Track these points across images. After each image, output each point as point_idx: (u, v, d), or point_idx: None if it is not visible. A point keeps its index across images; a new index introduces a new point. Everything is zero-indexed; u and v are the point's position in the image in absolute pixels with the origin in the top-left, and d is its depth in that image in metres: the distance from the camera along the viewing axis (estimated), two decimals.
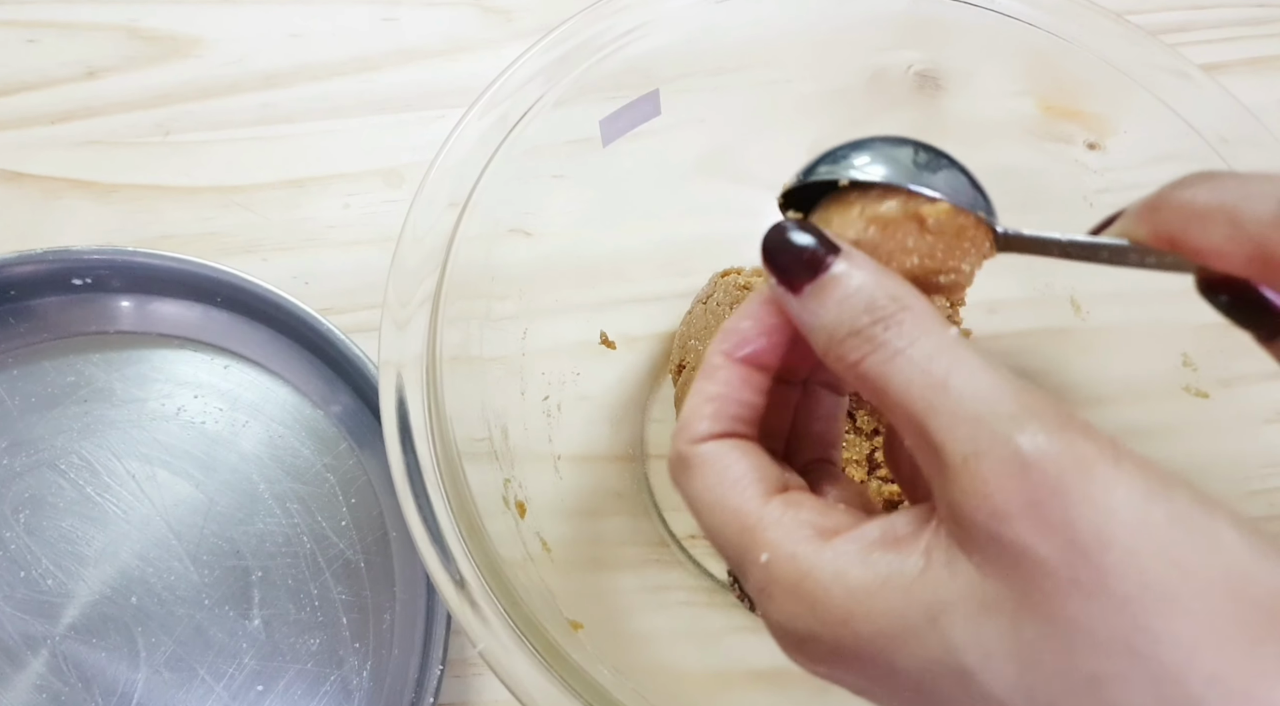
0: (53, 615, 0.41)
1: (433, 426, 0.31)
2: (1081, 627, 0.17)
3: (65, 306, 0.46)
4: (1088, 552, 0.17)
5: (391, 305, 0.32)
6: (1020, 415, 0.18)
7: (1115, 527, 0.17)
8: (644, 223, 0.42)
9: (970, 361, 0.19)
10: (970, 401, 0.18)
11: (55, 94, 0.54)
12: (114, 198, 0.51)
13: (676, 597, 0.41)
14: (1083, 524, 0.17)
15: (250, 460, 0.44)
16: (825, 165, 0.26)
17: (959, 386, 0.19)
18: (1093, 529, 0.17)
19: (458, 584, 0.29)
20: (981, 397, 0.18)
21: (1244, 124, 0.35)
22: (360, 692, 0.40)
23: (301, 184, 0.52)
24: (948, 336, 0.20)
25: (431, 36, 0.56)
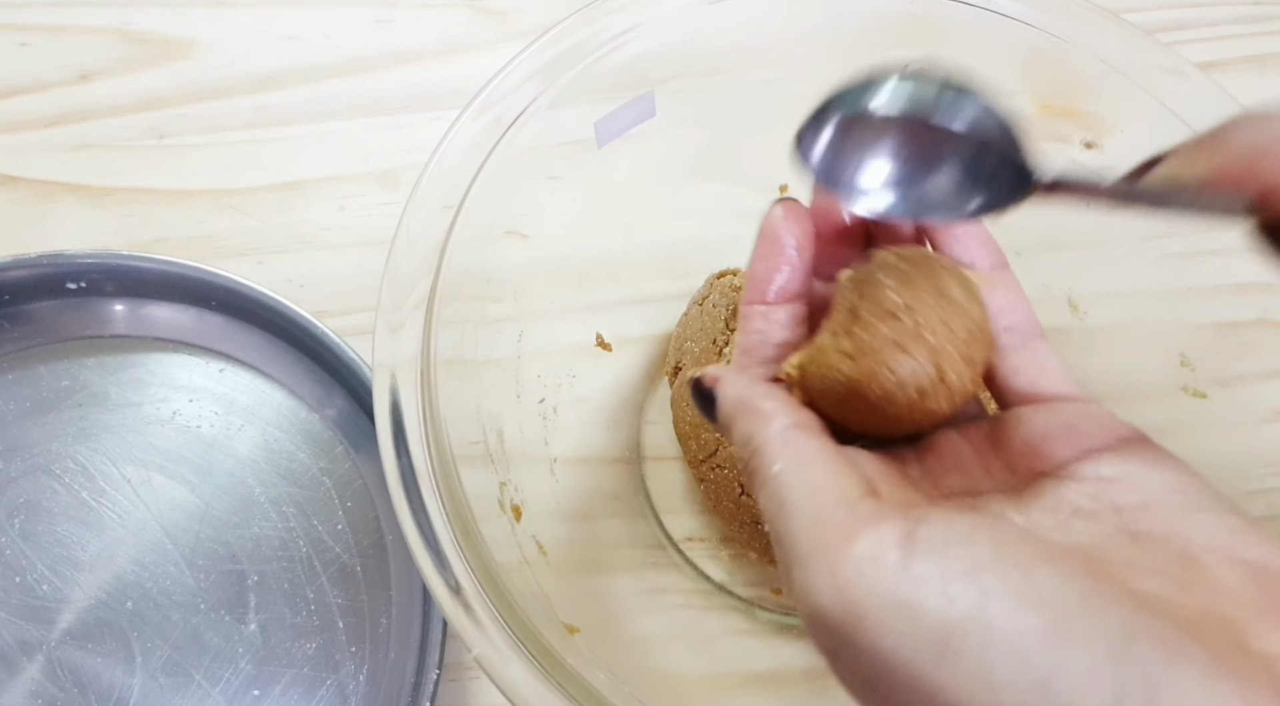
0: (48, 620, 0.40)
1: (427, 430, 0.31)
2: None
3: (59, 310, 0.46)
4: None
5: (385, 308, 0.32)
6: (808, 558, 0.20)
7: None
8: (640, 224, 0.42)
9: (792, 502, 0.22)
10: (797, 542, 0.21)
11: (48, 97, 0.53)
12: (108, 201, 0.51)
13: (673, 600, 0.41)
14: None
15: (246, 464, 0.44)
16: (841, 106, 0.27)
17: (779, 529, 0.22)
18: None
19: (452, 589, 0.29)
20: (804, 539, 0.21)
21: None
22: (356, 697, 0.40)
23: (296, 187, 0.52)
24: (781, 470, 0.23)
25: (426, 38, 0.56)
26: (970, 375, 0.26)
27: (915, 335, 0.25)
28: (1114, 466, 0.23)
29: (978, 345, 0.26)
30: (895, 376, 0.25)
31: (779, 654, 0.40)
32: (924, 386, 0.25)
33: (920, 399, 0.25)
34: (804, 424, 0.24)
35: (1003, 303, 0.28)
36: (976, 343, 0.26)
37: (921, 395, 0.25)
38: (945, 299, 0.26)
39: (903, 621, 0.19)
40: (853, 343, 0.26)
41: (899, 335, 0.25)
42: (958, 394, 0.26)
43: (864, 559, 0.19)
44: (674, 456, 0.44)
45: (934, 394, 0.25)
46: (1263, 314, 0.36)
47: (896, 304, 0.26)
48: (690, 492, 0.44)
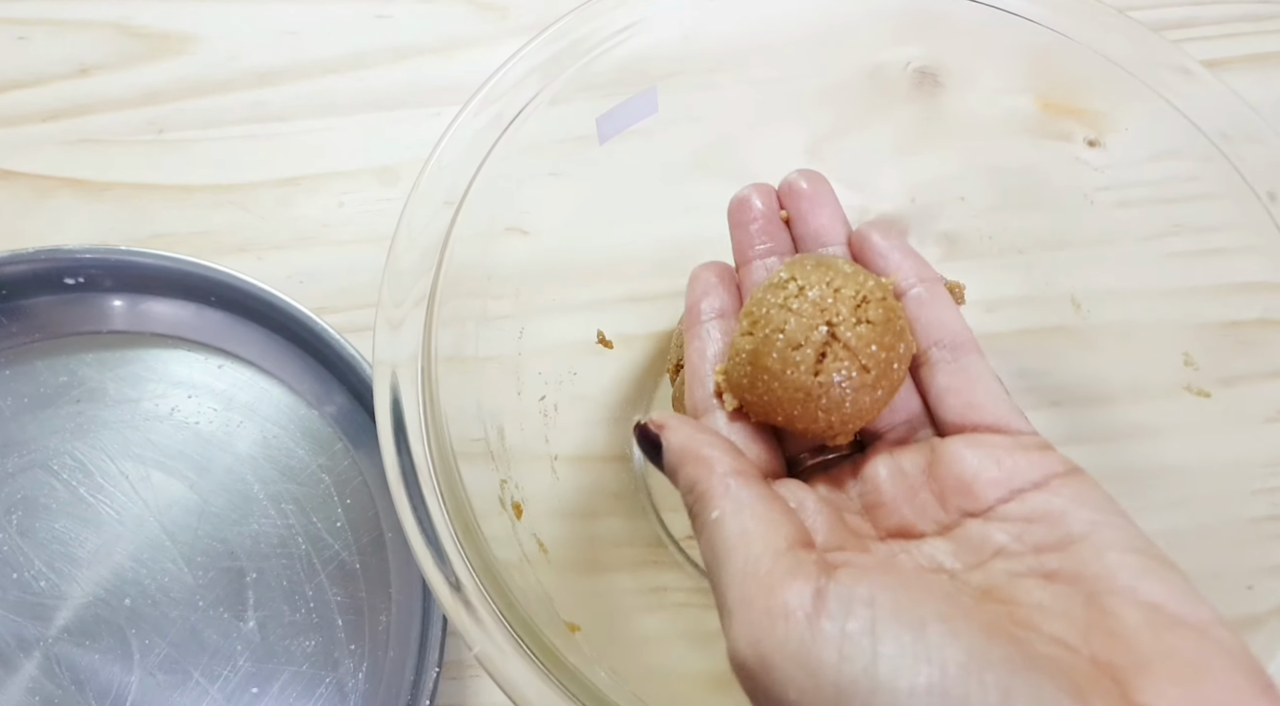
0: (45, 617, 0.40)
1: (428, 427, 0.31)
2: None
3: (57, 306, 0.46)
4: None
5: (386, 304, 0.32)
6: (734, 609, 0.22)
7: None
8: (642, 221, 0.42)
9: (726, 550, 0.23)
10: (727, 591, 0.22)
11: (47, 92, 0.53)
12: (106, 196, 0.51)
13: (674, 598, 0.41)
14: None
15: (245, 461, 0.44)
16: None
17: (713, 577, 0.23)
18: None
19: (453, 586, 0.29)
20: (732, 589, 0.22)
21: (1246, 120, 0.35)
22: (356, 695, 0.40)
23: (296, 182, 0.51)
24: (718, 517, 0.24)
25: (426, 33, 0.55)
26: (872, 338, 0.26)
27: (798, 295, 0.27)
28: (1037, 505, 0.24)
29: (875, 309, 0.27)
30: (785, 335, 0.26)
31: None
32: (819, 344, 0.26)
33: (822, 362, 0.26)
34: (743, 471, 0.25)
35: (932, 317, 0.29)
36: (872, 307, 0.27)
37: (822, 358, 0.26)
38: (830, 269, 0.27)
39: (804, 676, 0.20)
40: (749, 321, 0.27)
41: (783, 299, 0.27)
42: (862, 356, 0.26)
43: (777, 614, 0.21)
44: None
45: (835, 356, 0.26)
46: (1265, 313, 0.36)
47: (782, 277, 0.27)
48: None
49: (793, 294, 0.27)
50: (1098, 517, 0.24)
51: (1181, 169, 0.37)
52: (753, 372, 0.27)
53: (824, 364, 0.26)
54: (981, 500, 0.25)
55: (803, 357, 0.26)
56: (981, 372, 0.28)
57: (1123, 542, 0.23)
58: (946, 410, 0.28)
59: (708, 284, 0.32)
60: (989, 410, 0.27)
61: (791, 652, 0.20)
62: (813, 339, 0.26)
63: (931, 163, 0.44)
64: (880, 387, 0.27)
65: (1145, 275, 0.40)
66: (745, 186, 0.33)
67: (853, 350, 0.26)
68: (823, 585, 0.21)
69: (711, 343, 0.31)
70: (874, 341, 0.26)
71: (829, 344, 0.26)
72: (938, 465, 0.27)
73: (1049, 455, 0.26)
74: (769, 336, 0.27)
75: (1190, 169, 0.36)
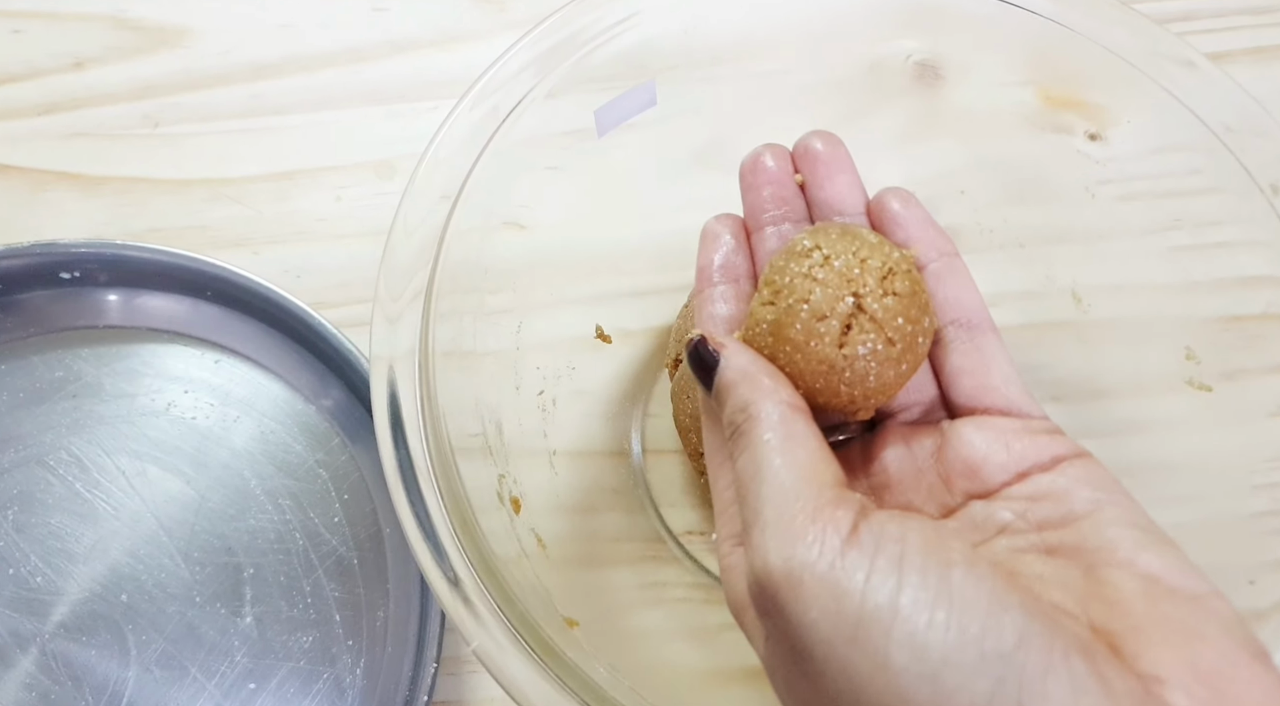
0: (42, 613, 0.40)
1: (425, 422, 0.31)
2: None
3: (53, 300, 0.45)
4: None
5: (383, 299, 0.32)
6: (770, 523, 0.22)
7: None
8: (640, 215, 0.42)
9: (772, 470, 0.23)
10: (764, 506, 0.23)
11: (42, 85, 0.53)
12: (102, 190, 0.51)
13: (673, 594, 0.41)
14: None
15: (242, 456, 0.43)
16: None
17: (751, 490, 0.24)
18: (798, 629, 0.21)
19: (451, 581, 0.29)
20: (771, 505, 0.23)
21: (1250, 113, 0.35)
22: (354, 691, 0.40)
23: (292, 176, 0.51)
24: (771, 439, 0.24)
25: (423, 27, 0.55)
26: (899, 311, 0.26)
27: (824, 264, 0.26)
28: (1041, 484, 0.25)
29: (902, 281, 0.26)
30: (810, 306, 0.26)
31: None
32: (844, 316, 0.25)
33: (848, 335, 0.25)
34: (801, 407, 0.25)
35: (950, 294, 0.28)
36: (898, 279, 0.26)
37: (847, 330, 0.25)
38: (856, 238, 0.26)
39: (829, 598, 0.20)
40: (771, 290, 0.26)
41: (808, 268, 0.26)
42: (889, 329, 0.26)
43: (815, 536, 0.21)
44: (674, 450, 0.44)
45: (860, 328, 0.25)
46: (1268, 307, 0.36)
47: (806, 245, 0.27)
48: (690, 486, 0.43)
49: (817, 263, 0.26)
50: (1101, 496, 0.24)
51: (1184, 162, 0.36)
52: (774, 343, 0.26)
53: (849, 336, 0.26)
54: (988, 483, 0.25)
55: (828, 329, 0.25)
56: (996, 354, 0.28)
57: (1124, 519, 0.23)
58: (959, 391, 0.28)
59: (720, 241, 0.31)
60: (1001, 393, 0.27)
61: (821, 573, 0.21)
62: (839, 310, 0.25)
63: (932, 156, 0.43)
64: (905, 362, 0.26)
65: (1147, 269, 0.39)
66: (758, 146, 0.31)
67: (879, 323, 0.26)
68: (859, 519, 0.22)
69: (723, 304, 0.30)
70: (900, 314, 0.26)
71: (855, 316, 0.26)
72: (946, 448, 0.26)
73: (1058, 439, 0.26)
74: (792, 306, 0.26)
75: (1193, 162, 0.36)
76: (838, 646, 0.20)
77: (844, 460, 0.28)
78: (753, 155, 0.31)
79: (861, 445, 0.29)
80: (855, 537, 0.21)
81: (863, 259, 0.26)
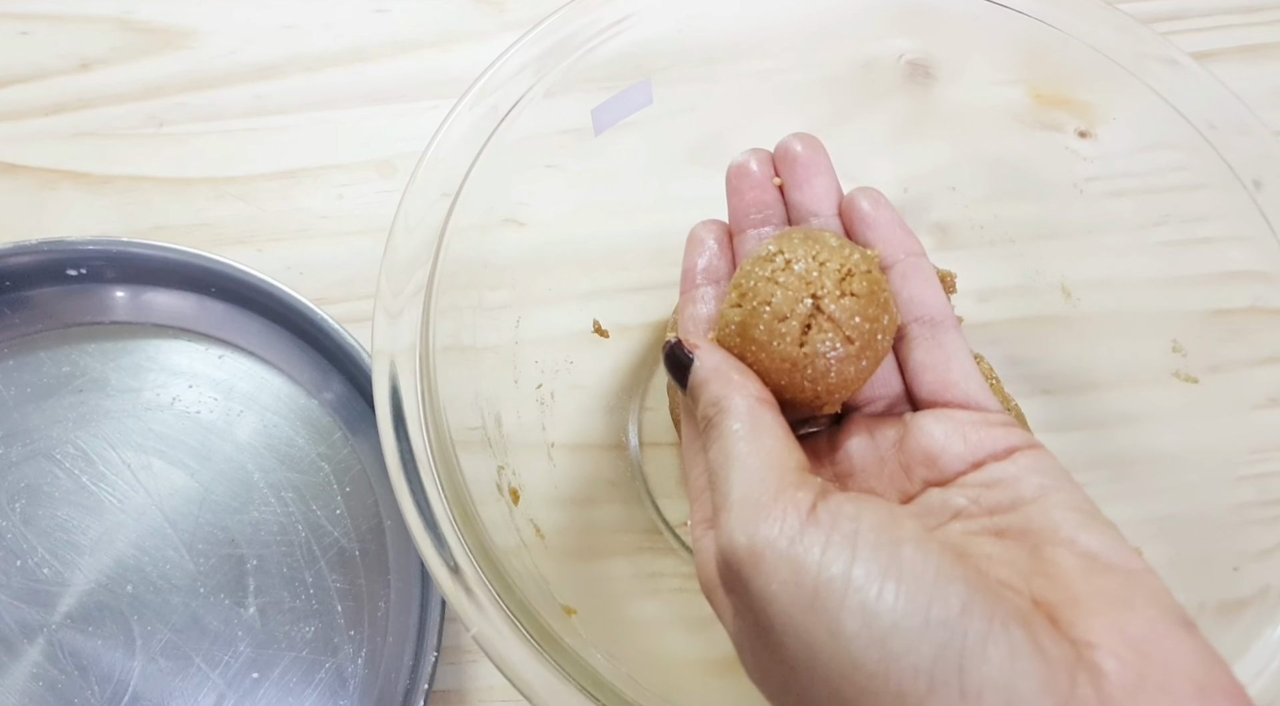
0: (49, 604, 0.41)
1: (426, 415, 0.31)
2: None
3: (60, 297, 0.46)
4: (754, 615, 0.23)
5: (384, 295, 0.32)
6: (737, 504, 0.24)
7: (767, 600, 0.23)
8: (636, 212, 0.43)
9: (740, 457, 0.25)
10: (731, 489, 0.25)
11: (49, 86, 0.54)
12: (108, 189, 0.51)
13: (669, 584, 0.42)
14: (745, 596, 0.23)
15: (245, 449, 0.44)
16: None
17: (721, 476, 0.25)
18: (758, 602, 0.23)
19: (452, 569, 0.29)
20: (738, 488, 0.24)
21: (1233, 111, 0.35)
22: (355, 680, 0.40)
23: (295, 175, 0.52)
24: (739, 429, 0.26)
25: (423, 28, 0.56)
26: (856, 311, 0.27)
27: (785, 269, 0.28)
28: (994, 472, 0.26)
29: (860, 282, 0.28)
30: (771, 308, 0.27)
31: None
32: (804, 316, 0.27)
33: (808, 334, 0.27)
34: (768, 401, 0.27)
35: (914, 293, 0.30)
36: (856, 280, 0.28)
37: (807, 330, 0.27)
38: (817, 243, 0.28)
39: (788, 571, 0.22)
40: (738, 293, 0.28)
41: (770, 272, 0.28)
42: (846, 328, 0.27)
43: (777, 515, 0.23)
44: (670, 442, 0.44)
45: (819, 328, 0.27)
46: (1255, 301, 0.36)
47: (770, 250, 0.28)
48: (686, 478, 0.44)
49: (779, 267, 0.28)
50: (1048, 482, 0.25)
51: (1170, 159, 0.37)
52: (741, 343, 0.28)
53: (809, 335, 0.27)
54: (945, 471, 0.27)
55: (788, 329, 0.27)
56: (957, 350, 0.29)
57: (1068, 503, 0.25)
58: (921, 386, 0.29)
59: (704, 246, 0.33)
60: (961, 388, 0.29)
61: (781, 549, 0.22)
62: (798, 311, 0.27)
63: (924, 153, 0.44)
64: (865, 358, 0.28)
65: (1135, 264, 0.40)
66: (744, 151, 0.33)
67: (837, 322, 0.27)
68: (818, 499, 0.23)
69: (704, 305, 0.32)
70: (858, 313, 0.27)
71: (814, 316, 0.27)
72: (908, 438, 0.28)
73: (1012, 431, 0.27)
74: (756, 308, 0.28)
75: (1179, 159, 0.36)
76: (795, 616, 0.21)
77: (811, 450, 0.30)
78: (738, 161, 0.33)
79: (828, 436, 0.31)
80: (814, 516, 0.23)
81: (821, 262, 0.28)
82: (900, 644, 0.20)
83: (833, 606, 0.21)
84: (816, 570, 0.21)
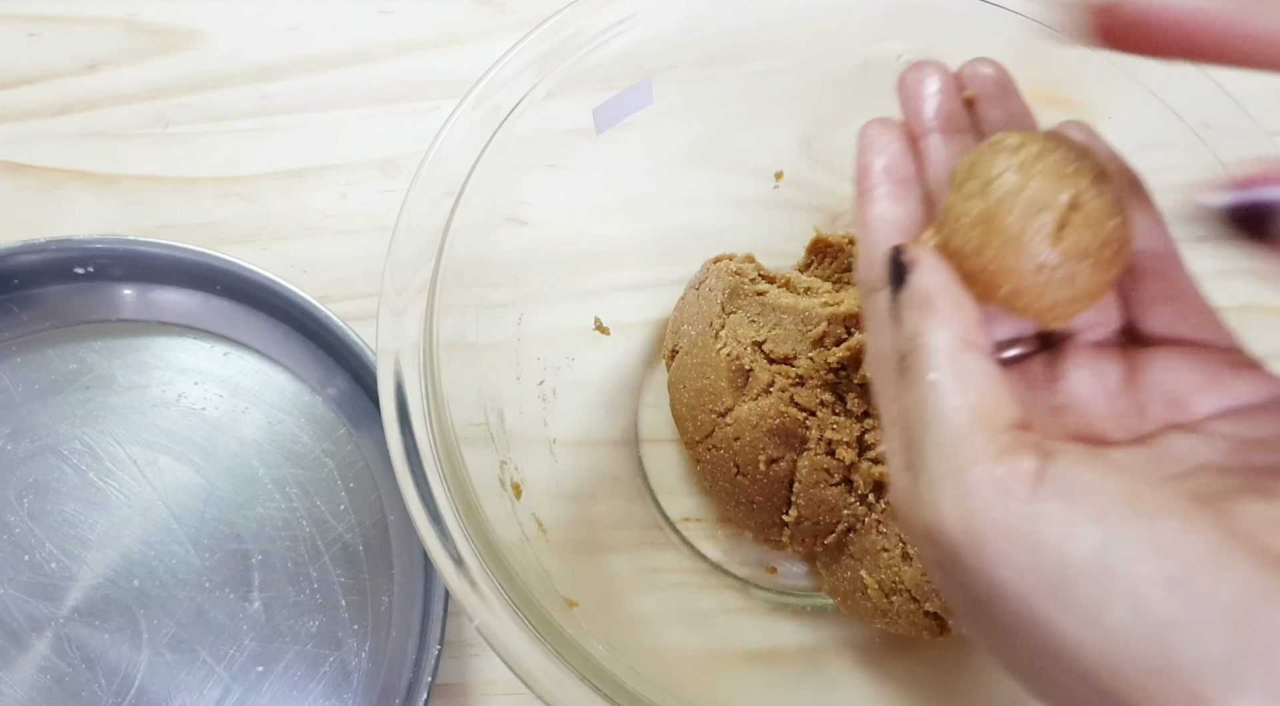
0: (56, 598, 0.41)
1: (430, 411, 0.31)
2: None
3: (68, 295, 0.47)
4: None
5: (388, 293, 0.33)
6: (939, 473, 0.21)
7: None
8: (637, 211, 0.43)
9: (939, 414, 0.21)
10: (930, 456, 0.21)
11: (56, 87, 0.54)
12: (114, 188, 0.52)
13: (670, 579, 0.42)
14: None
15: (250, 446, 0.45)
16: None
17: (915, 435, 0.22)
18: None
19: (456, 562, 0.30)
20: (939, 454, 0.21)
21: (1227, 111, 0.36)
22: (359, 673, 0.41)
23: (299, 174, 0.52)
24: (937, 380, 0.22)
25: (426, 29, 0.56)
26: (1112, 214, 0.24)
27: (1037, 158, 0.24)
28: (1259, 429, 0.22)
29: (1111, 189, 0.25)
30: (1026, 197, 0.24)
31: (774, 631, 0.41)
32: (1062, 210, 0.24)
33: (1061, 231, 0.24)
34: (976, 342, 0.23)
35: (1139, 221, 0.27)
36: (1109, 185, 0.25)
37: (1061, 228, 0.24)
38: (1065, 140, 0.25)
39: (1022, 554, 0.19)
40: (979, 182, 0.25)
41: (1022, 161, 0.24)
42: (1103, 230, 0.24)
43: (995, 487, 0.20)
44: (670, 439, 0.44)
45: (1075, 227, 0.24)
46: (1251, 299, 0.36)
47: (1014, 142, 0.25)
48: (687, 474, 0.44)
49: (1032, 156, 0.24)
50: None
51: (1166, 158, 0.37)
52: (983, 236, 0.24)
53: (1064, 233, 0.24)
54: (1193, 413, 0.24)
55: (1042, 224, 0.24)
56: (1190, 285, 0.26)
57: None
58: (1154, 319, 0.26)
59: (882, 145, 0.28)
60: (1204, 325, 0.26)
61: (1009, 528, 0.19)
62: (1056, 204, 0.24)
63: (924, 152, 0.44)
64: (1114, 267, 0.25)
65: None
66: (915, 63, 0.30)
67: (1094, 224, 0.24)
68: (1044, 464, 0.20)
69: (891, 205, 0.27)
70: (1111, 219, 0.24)
71: (1071, 213, 0.24)
72: (1143, 373, 0.25)
73: (1272, 378, 0.24)
74: (1006, 197, 0.24)
75: (1174, 158, 0.37)
76: (1039, 604, 0.19)
77: (1023, 374, 0.27)
78: (913, 67, 0.29)
79: (1044, 362, 0.27)
80: (1043, 483, 0.19)
81: (1076, 157, 0.24)
82: (1184, 638, 0.17)
83: (1089, 594, 0.18)
84: (1060, 554, 0.18)
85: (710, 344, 0.40)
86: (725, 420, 0.39)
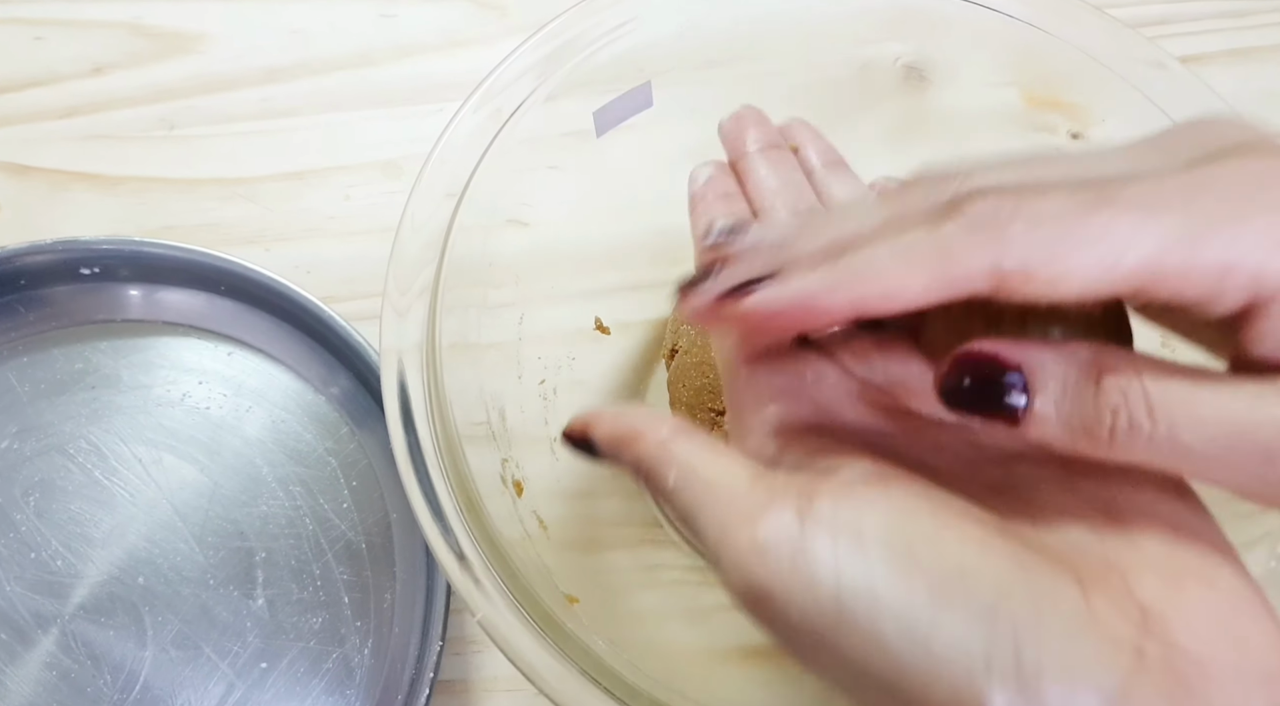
0: (62, 595, 0.42)
1: (433, 410, 0.32)
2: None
3: (74, 295, 0.47)
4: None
5: (391, 294, 0.33)
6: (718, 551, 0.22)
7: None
8: (637, 212, 0.43)
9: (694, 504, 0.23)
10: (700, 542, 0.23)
11: (62, 90, 0.55)
12: (120, 190, 0.52)
13: (669, 576, 0.42)
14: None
15: (254, 444, 0.45)
16: None
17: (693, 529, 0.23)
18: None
19: (458, 558, 0.30)
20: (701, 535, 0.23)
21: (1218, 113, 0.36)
22: (362, 670, 0.41)
23: (302, 176, 0.53)
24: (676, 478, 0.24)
25: (429, 32, 0.57)
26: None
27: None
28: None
29: None
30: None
31: None
32: None
33: None
34: (679, 428, 0.25)
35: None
36: None
37: None
38: None
39: (802, 595, 0.20)
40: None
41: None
42: None
43: (763, 544, 0.21)
44: None
45: None
46: None
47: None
48: None
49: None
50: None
51: None
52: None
53: None
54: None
55: None
56: None
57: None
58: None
59: (708, 171, 0.34)
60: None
61: (785, 576, 0.20)
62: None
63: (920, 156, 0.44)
64: None
65: None
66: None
67: None
68: (804, 507, 0.21)
69: (723, 206, 0.33)
70: None
71: None
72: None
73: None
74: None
75: None
76: (827, 636, 0.20)
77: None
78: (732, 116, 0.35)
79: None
80: (805, 527, 0.21)
81: None
82: (945, 643, 0.19)
83: (863, 617, 0.20)
84: (834, 584, 0.20)
85: (710, 343, 0.40)
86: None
